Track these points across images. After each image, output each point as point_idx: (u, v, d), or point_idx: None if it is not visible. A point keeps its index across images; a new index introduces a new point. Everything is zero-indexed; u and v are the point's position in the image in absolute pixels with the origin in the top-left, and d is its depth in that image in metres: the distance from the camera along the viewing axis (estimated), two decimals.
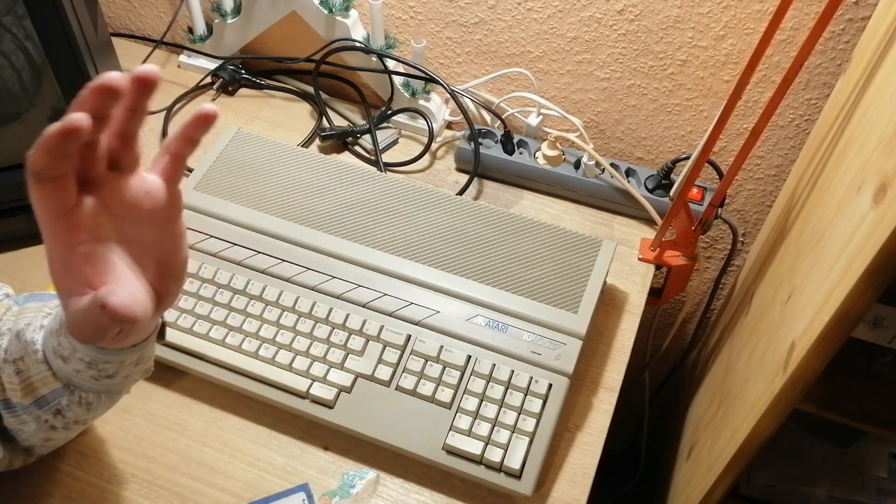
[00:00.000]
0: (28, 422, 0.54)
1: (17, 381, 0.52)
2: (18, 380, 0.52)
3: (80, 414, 0.54)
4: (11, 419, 0.55)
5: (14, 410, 0.54)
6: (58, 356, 0.49)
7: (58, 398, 0.52)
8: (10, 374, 0.52)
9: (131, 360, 0.51)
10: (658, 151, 0.96)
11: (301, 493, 0.67)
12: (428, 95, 0.96)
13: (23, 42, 0.71)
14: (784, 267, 0.75)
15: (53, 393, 0.52)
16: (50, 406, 0.53)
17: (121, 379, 0.52)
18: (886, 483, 0.91)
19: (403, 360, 0.71)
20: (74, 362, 0.49)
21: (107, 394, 0.53)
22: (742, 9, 0.79)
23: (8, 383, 0.53)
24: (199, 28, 1.01)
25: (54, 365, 0.50)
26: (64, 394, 0.52)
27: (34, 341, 0.50)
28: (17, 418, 0.54)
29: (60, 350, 0.49)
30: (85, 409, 0.53)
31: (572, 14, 0.86)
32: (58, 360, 0.50)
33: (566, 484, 0.70)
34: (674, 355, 1.23)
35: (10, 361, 0.52)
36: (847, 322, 0.55)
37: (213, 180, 0.81)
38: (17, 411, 0.54)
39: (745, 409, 0.73)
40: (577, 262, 0.76)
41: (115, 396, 0.55)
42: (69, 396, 0.52)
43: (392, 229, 0.78)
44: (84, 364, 0.49)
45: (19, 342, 0.51)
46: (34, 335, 0.51)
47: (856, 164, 0.61)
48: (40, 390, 0.52)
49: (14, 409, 0.54)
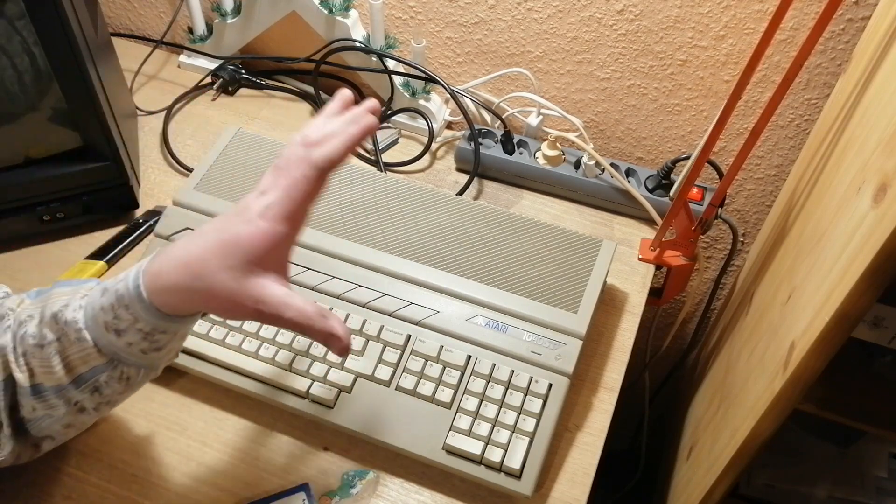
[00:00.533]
0: (58, 406, 0.55)
1: (56, 361, 0.52)
2: (58, 360, 0.52)
3: (117, 391, 0.54)
4: (39, 404, 0.55)
5: (43, 395, 0.54)
6: (111, 330, 0.50)
7: (97, 375, 0.52)
8: (47, 357, 0.52)
9: (183, 332, 0.53)
10: (658, 151, 0.96)
11: (301, 493, 0.67)
12: (428, 95, 0.97)
13: (23, 42, 0.71)
14: (784, 267, 0.75)
15: (94, 370, 0.52)
16: (88, 384, 0.53)
17: (165, 353, 0.53)
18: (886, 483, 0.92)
19: (403, 360, 0.71)
20: (131, 334, 0.50)
21: (146, 369, 0.54)
22: (742, 9, 0.79)
23: (42, 367, 0.53)
24: (199, 28, 1.01)
25: (103, 340, 0.51)
26: (106, 369, 0.52)
27: (75, 321, 0.51)
28: (45, 402, 0.54)
29: (117, 324, 0.50)
30: (123, 384, 0.54)
31: (572, 14, 0.86)
32: (110, 335, 0.50)
33: (566, 484, 0.70)
34: (674, 355, 1.23)
35: (42, 345, 0.52)
36: (847, 322, 0.55)
37: (213, 180, 0.81)
38: (47, 396, 0.54)
39: (745, 409, 0.73)
40: (577, 262, 0.76)
41: (151, 374, 0.56)
42: (111, 371, 0.52)
43: (392, 229, 0.78)
44: (141, 335, 0.50)
45: (56, 324, 0.52)
46: (74, 315, 0.51)
47: (856, 164, 0.61)
48: (79, 368, 0.52)
49: (44, 393, 0.54)
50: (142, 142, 0.96)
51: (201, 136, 0.97)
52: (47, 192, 0.81)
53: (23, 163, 0.79)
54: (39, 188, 0.80)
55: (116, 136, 0.81)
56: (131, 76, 1.02)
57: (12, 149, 0.78)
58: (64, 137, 0.79)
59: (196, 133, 0.97)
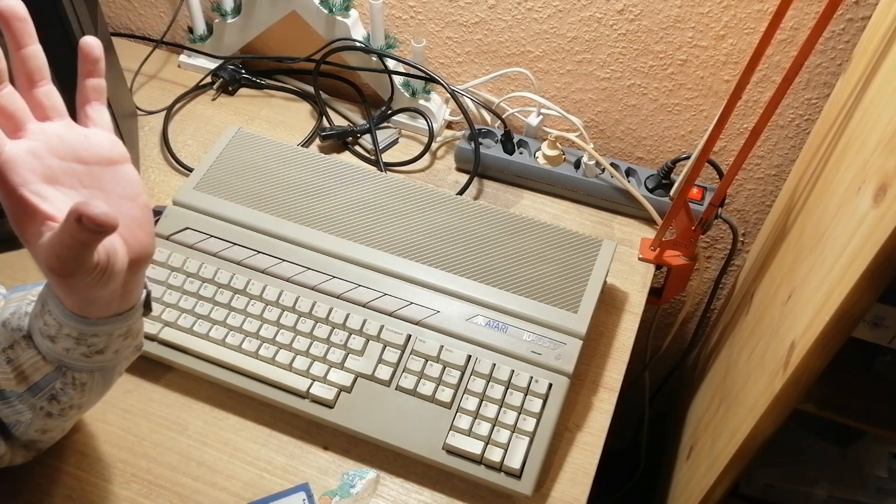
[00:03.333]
0: (23, 411, 0.54)
1: (9, 370, 0.51)
2: (10, 368, 0.51)
3: (75, 397, 0.53)
4: (7, 410, 0.54)
5: (9, 401, 0.54)
6: (45, 337, 0.49)
7: (51, 382, 0.52)
8: (3, 364, 0.52)
9: (119, 332, 0.50)
10: (658, 151, 0.96)
11: (301, 493, 0.67)
12: (428, 95, 0.96)
13: None
14: (784, 267, 0.75)
15: (46, 378, 0.52)
16: (44, 392, 0.52)
17: (111, 354, 0.52)
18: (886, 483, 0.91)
19: (403, 360, 0.71)
20: (63, 340, 0.49)
21: (100, 372, 0.53)
22: (742, 8, 0.79)
23: (2, 374, 0.52)
24: (199, 28, 1.01)
25: (43, 347, 0.50)
26: (57, 377, 0.51)
27: (21, 328, 0.50)
28: (13, 408, 0.54)
29: (47, 330, 0.49)
30: (80, 391, 0.53)
31: (572, 14, 0.86)
32: (46, 342, 0.49)
33: (566, 483, 0.70)
34: (674, 355, 1.23)
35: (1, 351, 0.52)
36: (847, 322, 0.55)
37: (213, 180, 0.81)
38: (12, 401, 0.54)
39: (745, 409, 0.73)
40: (577, 262, 0.76)
41: (109, 377, 0.54)
42: (62, 379, 0.52)
43: (392, 229, 0.78)
44: (72, 341, 0.49)
45: (6, 331, 0.51)
46: (20, 322, 0.51)
47: (856, 164, 0.61)
48: (33, 377, 0.52)
49: (9, 399, 0.54)
50: (142, 141, 0.96)
51: (201, 135, 0.97)
52: None
53: None
54: None
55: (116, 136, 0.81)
56: (131, 76, 1.02)
57: None
58: None
59: (196, 133, 0.97)
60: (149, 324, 0.73)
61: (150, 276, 0.76)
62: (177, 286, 0.75)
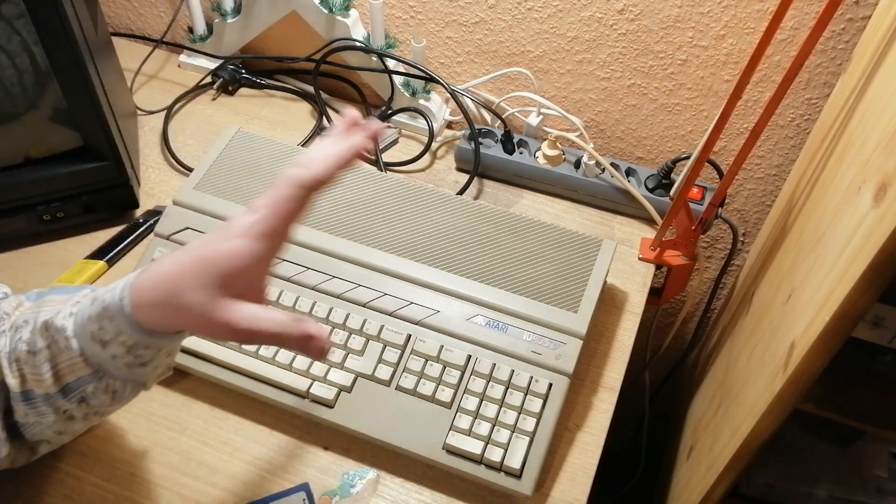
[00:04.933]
0: (47, 413, 0.55)
1: (45, 369, 0.52)
2: (48, 367, 0.52)
3: (104, 403, 0.54)
4: (30, 411, 0.55)
5: (34, 402, 0.54)
6: (96, 341, 0.50)
7: (83, 385, 0.52)
8: (38, 364, 0.52)
9: (168, 349, 0.52)
10: (658, 151, 0.96)
11: (301, 493, 0.67)
12: (428, 95, 0.96)
13: (23, 42, 0.71)
14: (784, 266, 0.75)
15: (80, 380, 0.52)
16: (75, 394, 0.53)
17: (150, 369, 0.53)
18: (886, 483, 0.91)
19: (404, 360, 0.71)
20: (114, 347, 0.49)
21: (132, 384, 0.54)
22: (742, 8, 0.79)
23: (32, 374, 0.53)
24: (200, 28, 1.01)
25: (89, 350, 0.50)
26: (92, 380, 0.52)
27: (64, 328, 0.51)
28: (35, 409, 0.54)
29: (102, 334, 0.49)
30: (110, 397, 0.53)
31: (572, 13, 0.86)
32: (95, 346, 0.50)
33: (566, 483, 0.70)
34: (674, 355, 1.23)
35: (34, 352, 0.52)
36: (847, 322, 0.55)
37: (213, 180, 0.81)
38: (38, 403, 0.54)
39: (746, 409, 0.73)
40: (577, 262, 0.76)
41: (138, 389, 0.55)
42: (96, 383, 0.52)
43: (392, 229, 0.78)
44: (124, 349, 0.50)
45: (47, 331, 0.52)
46: (64, 322, 0.51)
47: (856, 164, 0.61)
48: (66, 378, 0.52)
49: (34, 400, 0.54)
50: (142, 141, 0.96)
51: (201, 135, 0.97)
52: (47, 192, 0.81)
53: (23, 162, 0.79)
54: (40, 188, 0.80)
55: (116, 136, 0.81)
56: (131, 76, 1.02)
57: (13, 148, 0.78)
58: (64, 137, 0.79)
59: (196, 133, 0.97)
60: None
61: None
62: None
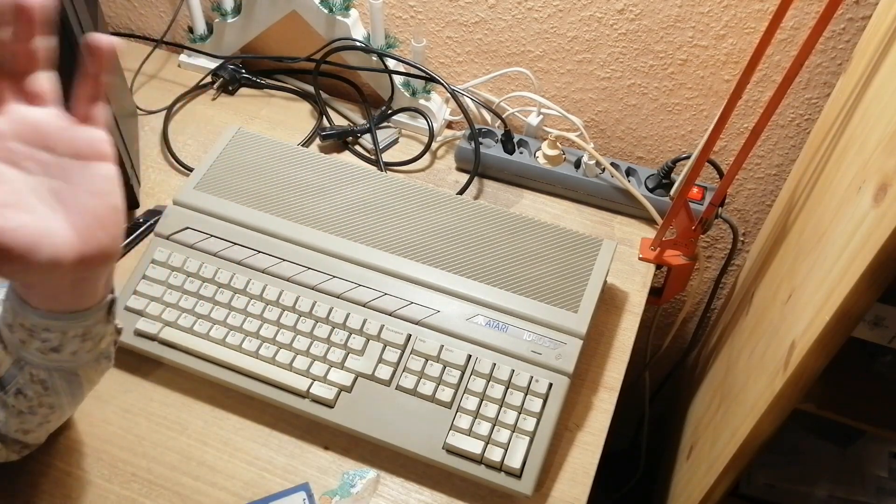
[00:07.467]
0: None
1: None
2: None
3: (41, 395, 0.54)
4: None
5: None
6: (5, 325, 0.50)
7: (15, 377, 0.52)
8: None
9: (74, 332, 0.50)
10: (658, 151, 0.96)
11: (301, 493, 0.67)
12: (428, 95, 0.96)
13: None
14: (784, 266, 0.75)
15: (9, 372, 0.52)
16: (11, 386, 0.53)
17: (67, 355, 0.52)
18: (886, 483, 0.92)
19: (404, 360, 0.71)
20: (18, 330, 0.49)
21: (59, 373, 0.53)
22: (742, 8, 0.79)
23: None
24: (200, 27, 1.01)
25: (6, 338, 0.51)
26: (17, 372, 0.52)
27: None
28: None
29: (6, 317, 0.49)
30: (41, 389, 0.53)
31: (572, 13, 0.86)
32: (6, 330, 0.50)
33: (566, 483, 0.70)
34: (674, 355, 1.23)
35: None
36: (847, 322, 0.55)
37: (213, 180, 0.81)
38: None
39: (746, 409, 0.73)
40: (577, 262, 0.76)
41: (74, 381, 0.54)
42: (21, 374, 0.52)
43: (392, 229, 0.78)
44: (26, 332, 0.49)
45: None
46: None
47: (856, 164, 0.61)
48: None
49: None
50: (142, 141, 0.96)
51: (201, 135, 0.97)
52: None
53: None
54: None
55: (116, 136, 0.81)
56: (131, 76, 1.02)
57: None
58: None
59: (196, 133, 0.97)
60: (149, 323, 0.73)
61: (150, 275, 0.76)
62: (177, 286, 0.75)
